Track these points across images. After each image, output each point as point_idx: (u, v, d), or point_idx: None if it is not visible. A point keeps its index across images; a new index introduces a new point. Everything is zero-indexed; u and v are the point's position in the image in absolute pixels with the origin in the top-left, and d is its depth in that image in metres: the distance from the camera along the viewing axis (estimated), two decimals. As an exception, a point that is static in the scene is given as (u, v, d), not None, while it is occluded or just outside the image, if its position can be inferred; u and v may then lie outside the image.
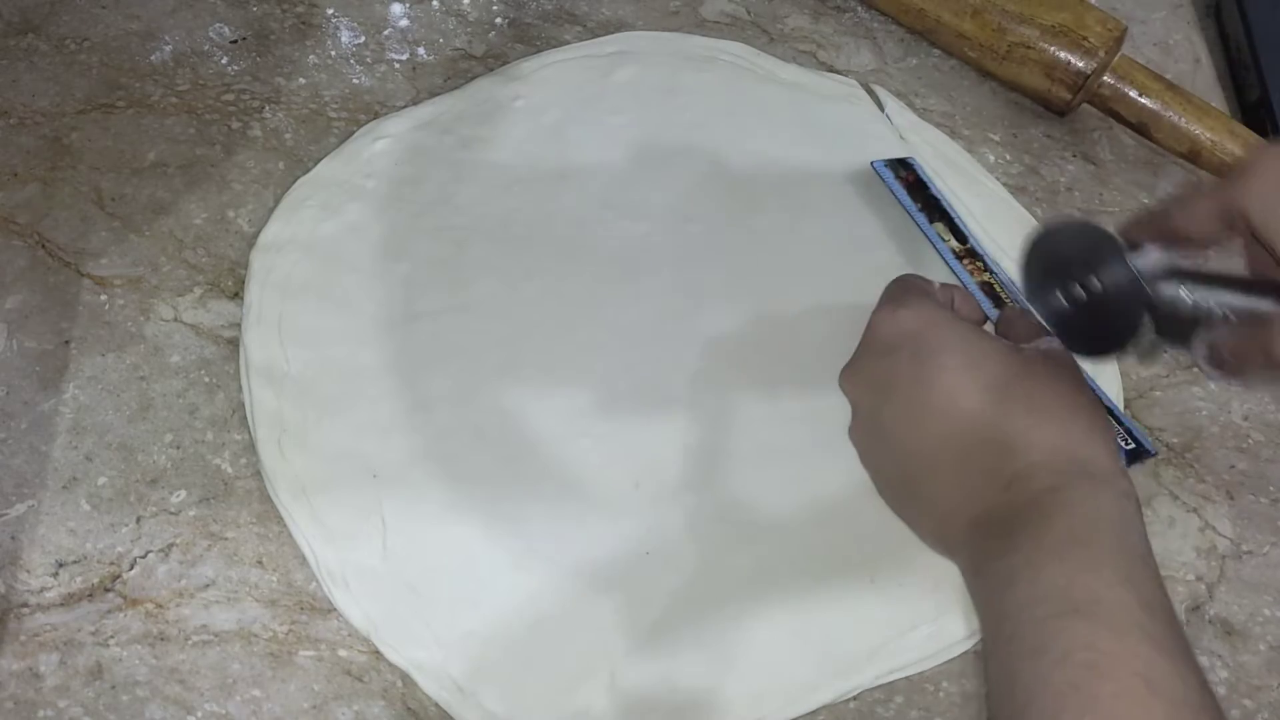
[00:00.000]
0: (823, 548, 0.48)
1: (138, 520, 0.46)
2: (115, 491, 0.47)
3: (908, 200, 0.56)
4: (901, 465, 0.43)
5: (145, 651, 0.44)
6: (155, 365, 0.50)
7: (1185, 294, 0.43)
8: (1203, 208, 0.40)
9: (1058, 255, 0.42)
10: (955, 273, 0.53)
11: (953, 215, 0.55)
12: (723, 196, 0.56)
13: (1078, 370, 0.43)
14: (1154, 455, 0.51)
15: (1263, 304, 0.45)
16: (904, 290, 0.46)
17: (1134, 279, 0.39)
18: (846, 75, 0.63)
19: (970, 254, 0.54)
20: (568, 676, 0.44)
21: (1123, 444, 0.49)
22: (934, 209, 0.56)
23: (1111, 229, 0.41)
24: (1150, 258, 0.40)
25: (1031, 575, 0.36)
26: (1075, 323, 0.42)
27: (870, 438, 0.45)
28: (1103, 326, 0.41)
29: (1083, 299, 0.41)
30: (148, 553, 0.46)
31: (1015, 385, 0.41)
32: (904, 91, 0.63)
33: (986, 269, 0.53)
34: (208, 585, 0.45)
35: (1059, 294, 0.42)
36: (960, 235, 0.55)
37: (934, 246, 0.54)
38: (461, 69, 0.60)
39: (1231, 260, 0.45)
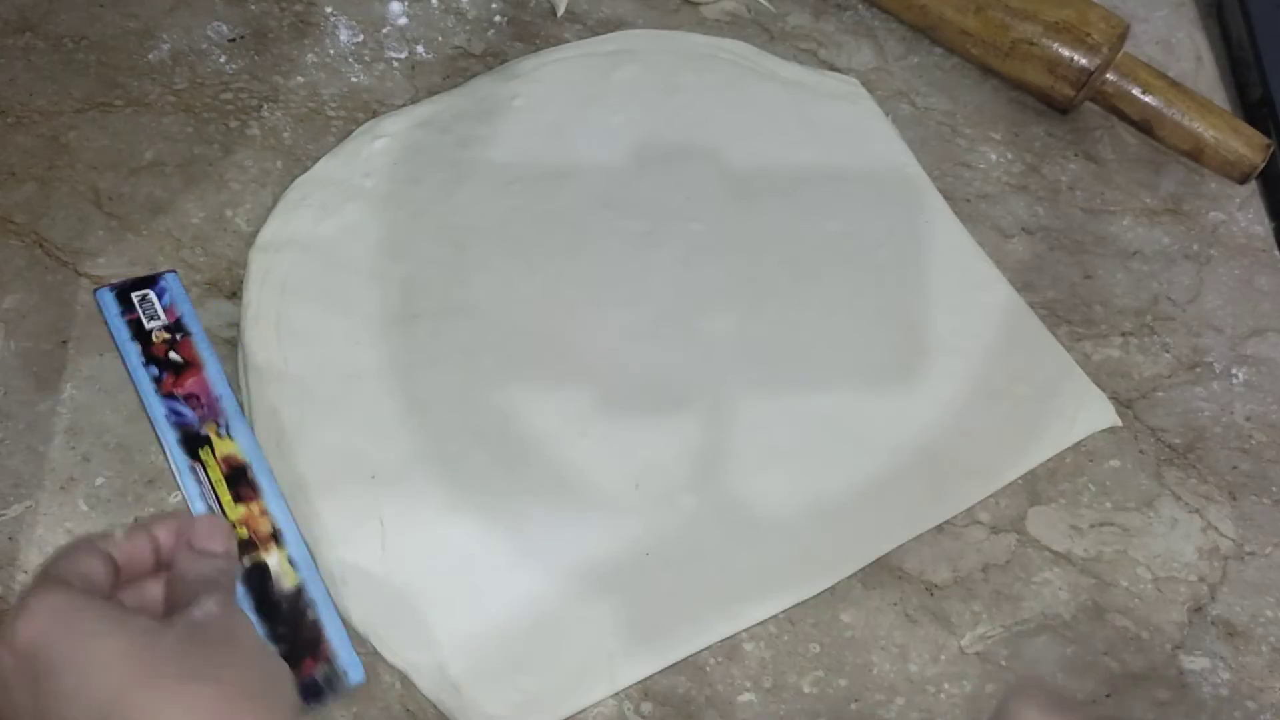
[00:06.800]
0: (822, 548, 0.47)
1: (135, 520, 0.46)
2: (113, 492, 0.47)
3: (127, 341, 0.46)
4: None
5: (143, 653, 0.44)
6: (153, 365, 0.50)
7: None
8: None
9: None
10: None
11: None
12: (723, 196, 0.56)
13: (236, 640, 0.35)
14: (359, 683, 0.43)
15: None
16: (42, 582, 0.34)
17: None
18: (847, 74, 0.62)
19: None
20: (567, 676, 0.44)
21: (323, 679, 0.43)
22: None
23: None
24: None
25: None
26: None
27: None
28: None
29: None
30: (146, 553, 0.46)
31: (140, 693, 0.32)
32: (905, 90, 0.62)
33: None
34: (206, 586, 0.45)
35: None
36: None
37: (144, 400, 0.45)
38: (460, 67, 0.60)
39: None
